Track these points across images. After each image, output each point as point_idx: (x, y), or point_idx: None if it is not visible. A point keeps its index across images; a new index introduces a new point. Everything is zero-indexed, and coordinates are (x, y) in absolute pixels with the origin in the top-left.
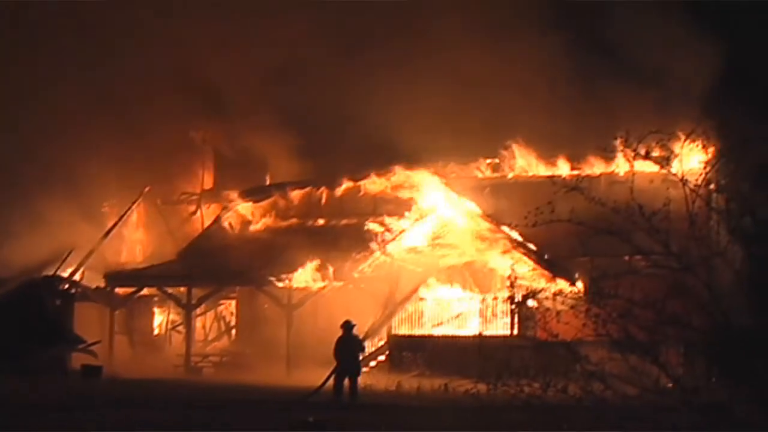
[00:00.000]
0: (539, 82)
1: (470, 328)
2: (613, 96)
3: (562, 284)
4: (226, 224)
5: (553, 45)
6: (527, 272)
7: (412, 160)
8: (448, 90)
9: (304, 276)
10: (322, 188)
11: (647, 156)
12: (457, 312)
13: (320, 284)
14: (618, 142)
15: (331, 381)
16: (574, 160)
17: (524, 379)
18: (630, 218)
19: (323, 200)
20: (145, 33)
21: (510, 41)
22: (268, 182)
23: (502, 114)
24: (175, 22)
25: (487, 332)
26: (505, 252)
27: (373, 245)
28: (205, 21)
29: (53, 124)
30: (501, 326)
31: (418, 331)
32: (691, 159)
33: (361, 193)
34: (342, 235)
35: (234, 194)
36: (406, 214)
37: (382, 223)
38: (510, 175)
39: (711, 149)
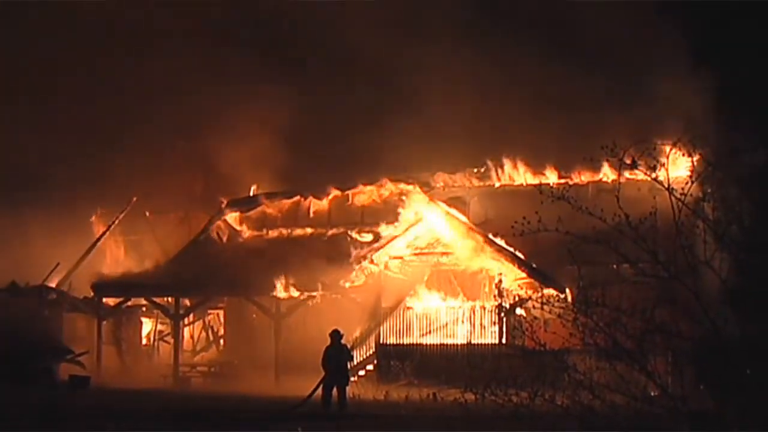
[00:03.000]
0: (525, 91)
1: (458, 337)
2: (600, 105)
3: (550, 293)
4: (213, 234)
5: (537, 55)
6: (515, 281)
7: (399, 170)
8: (436, 100)
9: (292, 286)
10: (310, 198)
11: (633, 165)
12: (444, 321)
13: (308, 294)
14: (606, 151)
15: (319, 391)
16: (562, 168)
17: (512, 388)
18: (617, 227)
19: (311, 210)
20: (135, 47)
21: (495, 52)
22: (255, 192)
23: (489, 123)
24: (165, 35)
25: (476, 341)
26: (492, 261)
27: (361, 255)
28: (193, 33)
29: (40, 133)
30: (489, 335)
31: (406, 340)
32: (678, 168)
33: (349, 203)
34: (329, 245)
35: (223, 203)
36: (394, 223)
37: (369, 233)
38: (497, 185)
39: (697, 158)
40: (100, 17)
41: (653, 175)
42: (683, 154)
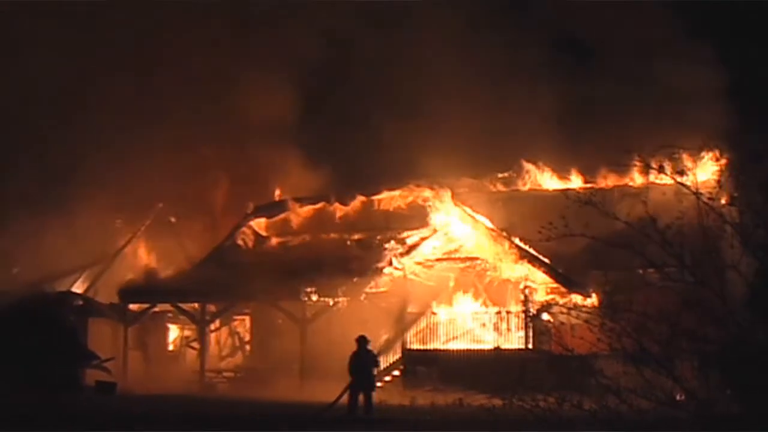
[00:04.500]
0: (551, 96)
1: (484, 342)
2: (625, 110)
3: (576, 298)
4: (239, 240)
5: (564, 60)
6: (541, 286)
7: (424, 175)
8: (461, 105)
9: (318, 291)
10: (335, 203)
11: (660, 170)
12: (470, 326)
13: (334, 299)
14: (631, 155)
15: (345, 396)
16: (587, 173)
17: (539, 393)
18: (643, 231)
19: (336, 215)
20: (159, 44)
21: (522, 57)
22: (280, 198)
23: (514, 128)
24: (188, 33)
25: (502, 346)
26: (518, 266)
27: (387, 260)
28: (220, 32)
29: (65, 138)
30: (515, 340)
31: (432, 346)
32: (704, 172)
33: (374, 209)
34: (355, 251)
35: (248, 209)
36: (419, 229)
37: (395, 238)
38: (523, 189)
39: (723, 162)
40: (122, 19)
41: (681, 180)
42: (710, 158)
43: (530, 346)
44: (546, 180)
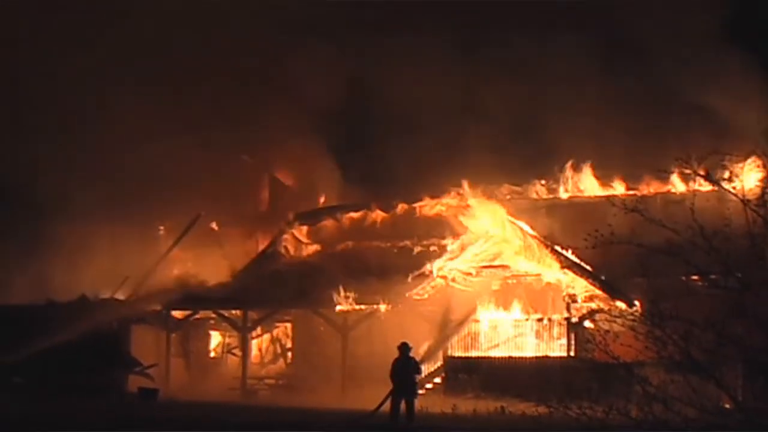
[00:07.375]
0: (594, 103)
1: (526, 349)
2: (668, 116)
3: (619, 306)
4: (280, 247)
5: (608, 68)
6: (584, 293)
7: (466, 182)
8: (505, 112)
9: (359, 298)
10: (377, 211)
11: (707, 177)
12: (512, 333)
13: (375, 306)
14: (677, 162)
15: (387, 403)
16: (630, 180)
17: (585, 401)
18: (689, 238)
19: (377, 223)
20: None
21: (568, 64)
22: (322, 206)
23: (557, 135)
24: (226, 35)
25: (544, 354)
26: (560, 273)
27: (428, 267)
28: (258, 37)
29: (107, 147)
30: (557, 348)
31: (473, 353)
32: (750, 178)
33: (416, 216)
34: (396, 258)
35: (290, 216)
36: (461, 236)
37: (436, 245)
38: (565, 196)
39: None
40: (166, 32)
41: (729, 186)
42: (757, 165)
43: (572, 353)
44: (587, 187)
